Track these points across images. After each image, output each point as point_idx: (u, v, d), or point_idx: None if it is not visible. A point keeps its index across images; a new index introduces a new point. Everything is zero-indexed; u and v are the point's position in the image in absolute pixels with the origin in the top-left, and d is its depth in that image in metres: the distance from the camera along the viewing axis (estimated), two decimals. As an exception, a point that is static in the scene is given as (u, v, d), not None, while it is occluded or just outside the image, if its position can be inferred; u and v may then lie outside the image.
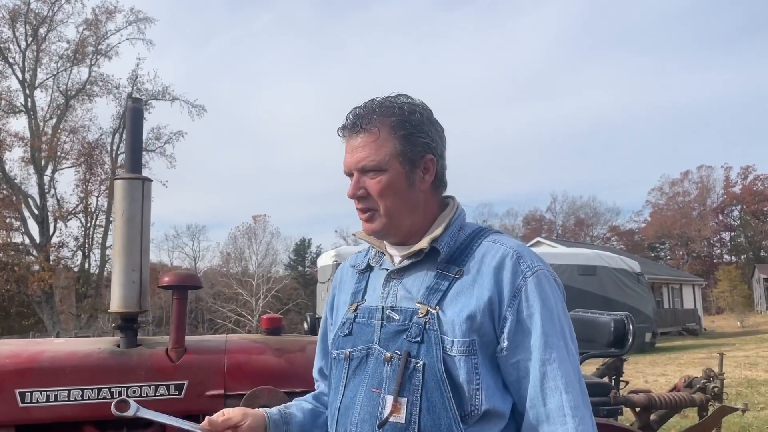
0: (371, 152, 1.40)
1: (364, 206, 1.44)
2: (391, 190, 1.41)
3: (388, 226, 1.43)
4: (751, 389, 9.94)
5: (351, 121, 1.44)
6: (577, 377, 1.33)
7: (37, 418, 2.21)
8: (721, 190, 75.11)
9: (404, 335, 1.34)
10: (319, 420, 1.59)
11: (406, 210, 1.43)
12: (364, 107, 1.45)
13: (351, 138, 1.44)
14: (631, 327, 3.01)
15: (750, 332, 29.44)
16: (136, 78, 36.18)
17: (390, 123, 1.41)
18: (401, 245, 1.46)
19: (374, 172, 1.41)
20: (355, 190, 1.43)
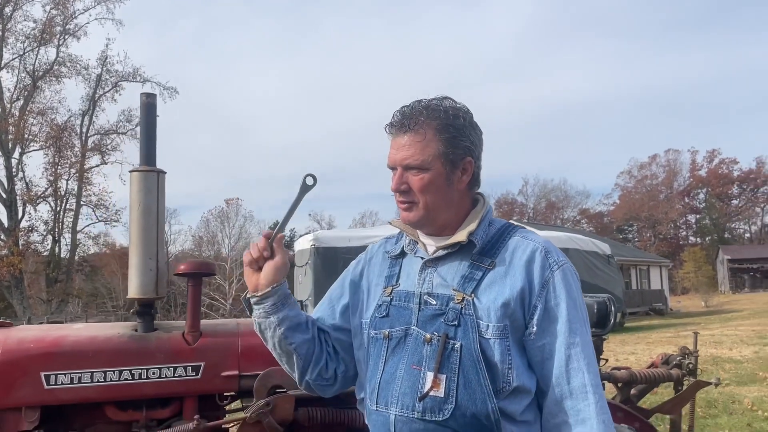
0: (416, 152, 1.53)
1: (405, 199, 1.56)
2: (431, 188, 1.54)
3: (424, 219, 1.57)
4: (716, 366, 10.38)
5: (399, 120, 1.56)
6: (593, 358, 1.51)
7: (62, 399, 2.33)
8: (687, 174, 76.73)
9: (441, 319, 1.49)
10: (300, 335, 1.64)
11: (443, 206, 1.57)
12: (411, 108, 1.57)
13: (398, 136, 1.56)
14: (613, 308, 3.22)
15: (714, 312, 30.38)
16: (106, 59, 35.48)
17: (435, 126, 1.54)
18: (436, 235, 1.61)
19: (418, 170, 1.53)
20: (398, 185, 1.55)
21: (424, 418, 1.46)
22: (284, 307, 1.61)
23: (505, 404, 1.46)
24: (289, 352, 1.65)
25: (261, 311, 1.61)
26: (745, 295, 49.18)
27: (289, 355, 1.65)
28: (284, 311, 1.61)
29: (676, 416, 3.08)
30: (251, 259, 1.60)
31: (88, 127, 36.24)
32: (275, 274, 1.59)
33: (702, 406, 7.65)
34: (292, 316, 1.63)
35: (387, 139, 1.60)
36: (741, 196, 76.47)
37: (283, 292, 1.61)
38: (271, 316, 1.60)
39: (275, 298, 1.60)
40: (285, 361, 1.68)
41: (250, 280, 1.61)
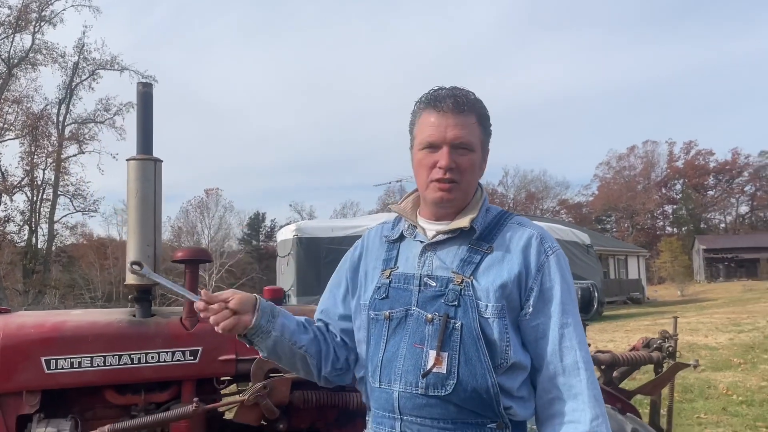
0: (468, 133, 1.60)
1: (451, 177, 1.60)
2: (473, 169, 1.63)
3: (459, 200, 1.64)
4: (692, 353, 10.62)
5: (451, 99, 1.60)
6: (584, 337, 1.60)
7: (62, 383, 2.37)
8: (664, 165, 77.77)
9: (442, 299, 1.57)
10: (303, 336, 1.71)
11: (472, 189, 1.67)
12: (458, 92, 1.62)
13: (448, 114, 1.59)
14: (596, 294, 3.33)
15: (689, 300, 30.95)
16: (83, 46, 34.99)
17: (480, 114, 1.64)
18: (435, 220, 1.68)
19: (465, 150, 1.60)
20: (450, 162, 1.59)
21: (428, 394, 1.53)
22: (275, 317, 1.66)
23: (503, 380, 1.55)
24: (302, 357, 1.71)
25: (261, 334, 1.63)
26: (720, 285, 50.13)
27: (302, 360, 1.72)
28: (279, 320, 1.66)
29: (656, 397, 3.20)
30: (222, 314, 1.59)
31: (65, 116, 35.80)
32: (244, 302, 1.61)
33: (679, 391, 7.85)
34: (287, 323, 1.69)
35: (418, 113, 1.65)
36: (717, 186, 77.72)
37: (264, 307, 1.64)
38: (272, 331, 1.64)
39: (263, 316, 1.62)
40: (301, 368, 1.75)
41: (234, 324, 1.60)
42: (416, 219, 1.72)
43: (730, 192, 76.99)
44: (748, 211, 78.81)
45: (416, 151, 1.66)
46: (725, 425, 6.33)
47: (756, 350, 10.82)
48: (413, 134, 1.69)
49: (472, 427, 1.54)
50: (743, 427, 6.22)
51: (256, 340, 1.64)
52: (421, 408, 1.55)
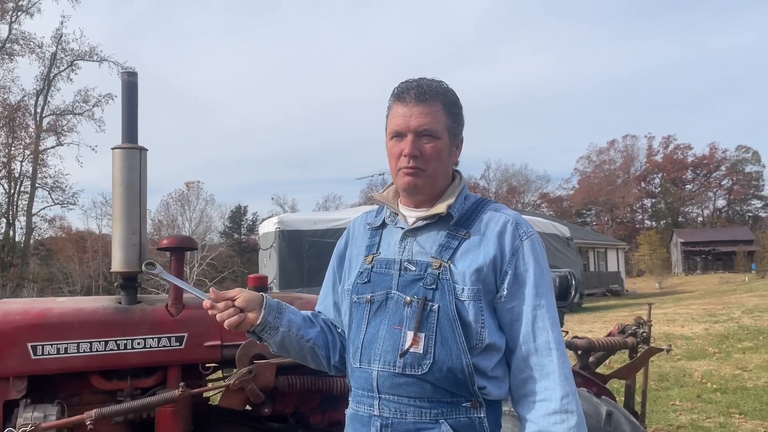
0: (432, 120, 1.64)
1: (415, 164, 1.65)
2: (439, 156, 1.67)
3: (427, 185, 1.69)
4: (669, 343, 10.84)
5: (416, 90, 1.66)
6: (557, 319, 1.66)
7: (49, 369, 2.39)
8: (644, 159, 78.73)
9: (420, 283, 1.62)
10: (308, 328, 1.77)
11: (441, 175, 1.70)
12: (423, 82, 1.68)
13: (412, 104, 1.65)
14: (573, 282, 3.42)
15: (667, 293, 31.44)
16: (61, 37, 34.51)
17: (444, 101, 1.68)
18: (416, 207, 1.73)
19: (430, 137, 1.65)
20: (413, 150, 1.64)
21: (405, 373, 1.59)
22: (282, 313, 1.71)
23: (478, 360, 1.60)
24: (310, 349, 1.77)
25: (270, 330, 1.69)
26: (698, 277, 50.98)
27: (312, 352, 1.77)
28: (285, 316, 1.71)
29: (630, 381, 3.30)
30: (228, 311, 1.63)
31: (42, 107, 35.34)
32: (250, 299, 1.66)
33: (655, 379, 8.03)
34: (294, 318, 1.74)
35: (390, 106, 1.70)
36: (695, 181, 78.89)
37: (270, 304, 1.69)
38: (279, 327, 1.69)
39: (270, 312, 1.68)
40: (310, 359, 1.80)
41: (239, 321, 1.64)
42: (398, 207, 1.77)
43: (708, 186, 78.19)
44: (725, 205, 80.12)
45: (387, 141, 1.72)
46: (699, 412, 6.49)
47: (730, 340, 11.06)
48: (386, 127, 1.75)
49: (447, 406, 1.60)
50: (717, 414, 6.38)
51: (265, 336, 1.69)
52: (398, 387, 1.60)
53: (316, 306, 1.96)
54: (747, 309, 15.60)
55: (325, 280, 1.95)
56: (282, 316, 1.71)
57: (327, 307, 1.90)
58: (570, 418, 1.56)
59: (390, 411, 1.62)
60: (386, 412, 1.62)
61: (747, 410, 6.47)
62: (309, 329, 1.77)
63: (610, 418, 2.71)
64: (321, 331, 1.80)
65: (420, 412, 1.59)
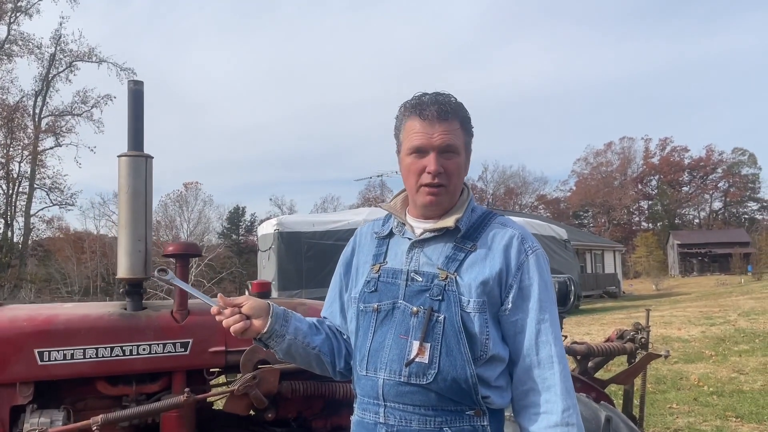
0: (454, 137, 1.68)
1: (439, 181, 1.67)
2: (459, 172, 1.71)
3: (447, 202, 1.72)
4: (666, 345, 10.87)
5: (436, 106, 1.68)
6: (560, 333, 1.70)
7: (55, 375, 2.42)
8: (641, 161, 78.86)
9: (427, 294, 1.65)
10: (314, 335, 1.81)
11: (458, 190, 1.75)
12: (441, 98, 1.70)
13: (435, 121, 1.67)
14: (573, 288, 3.45)
15: (664, 294, 31.52)
16: (60, 38, 34.48)
17: (461, 118, 1.72)
18: (423, 219, 1.76)
19: (451, 154, 1.68)
20: (438, 167, 1.66)
21: (410, 382, 1.62)
22: (288, 321, 1.74)
23: (482, 371, 1.64)
24: (316, 356, 1.80)
25: (276, 337, 1.71)
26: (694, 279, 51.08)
27: (317, 359, 1.81)
28: (292, 324, 1.74)
29: (629, 386, 3.34)
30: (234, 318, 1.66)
31: (41, 108, 35.31)
32: (257, 307, 1.69)
33: (652, 382, 8.07)
34: (300, 325, 1.77)
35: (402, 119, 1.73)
36: (691, 183, 79.09)
37: (277, 312, 1.72)
38: (286, 335, 1.72)
39: (277, 320, 1.71)
40: (316, 365, 1.83)
41: (244, 327, 1.66)
42: (405, 217, 1.80)
43: (704, 188, 78.37)
44: (722, 207, 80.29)
45: (404, 156, 1.73)
46: (696, 415, 6.53)
47: (727, 343, 11.11)
48: (399, 140, 1.77)
49: (451, 414, 1.63)
50: (713, 417, 6.42)
51: (271, 343, 1.72)
52: (403, 395, 1.64)
53: (321, 312, 1.98)
54: (743, 312, 15.67)
55: (330, 286, 1.98)
56: (288, 324, 1.73)
57: (333, 313, 1.93)
58: (571, 431, 1.60)
59: (395, 419, 1.65)
60: (391, 420, 1.65)
61: (743, 413, 6.51)
62: (315, 336, 1.80)
63: (609, 423, 2.75)
64: (326, 338, 1.83)
65: (424, 420, 1.63)
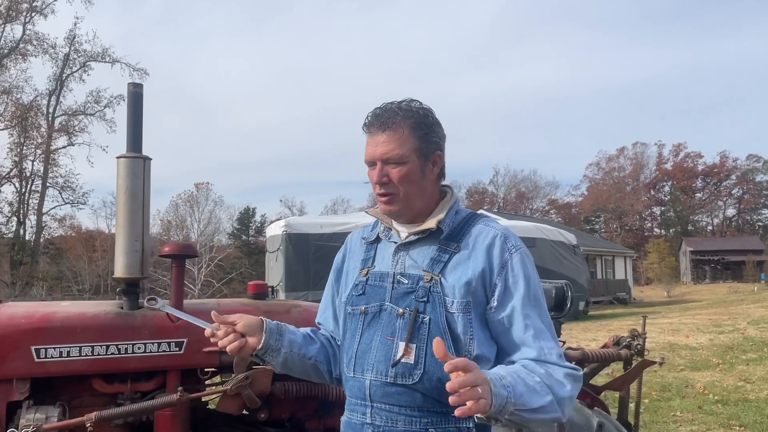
0: (396, 147, 1.69)
1: (385, 191, 1.72)
2: (408, 179, 1.72)
3: (403, 208, 1.75)
4: (672, 353, 10.81)
5: (377, 119, 1.72)
6: (551, 329, 1.71)
7: (51, 372, 2.45)
8: (653, 167, 78.41)
9: (413, 296, 1.68)
10: (309, 346, 1.85)
11: (418, 195, 1.75)
12: (386, 109, 1.74)
13: (377, 134, 1.72)
14: (570, 293, 3.45)
15: (675, 301, 31.28)
16: (74, 38, 34.83)
17: (411, 123, 1.72)
18: (408, 223, 1.79)
19: (396, 164, 1.71)
20: (380, 177, 1.71)
21: (396, 382, 1.65)
22: (282, 335, 1.77)
23: None
24: (313, 366, 1.84)
25: (272, 352, 1.75)
26: (706, 286, 50.65)
27: (314, 368, 1.85)
28: (286, 337, 1.78)
29: (624, 393, 3.33)
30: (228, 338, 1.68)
31: (54, 108, 35.66)
32: (250, 324, 1.71)
33: (657, 390, 8.03)
34: (294, 338, 1.81)
35: (363, 137, 1.77)
36: (704, 189, 78.50)
37: (270, 327, 1.75)
38: (282, 348, 1.76)
39: (271, 336, 1.74)
40: (313, 375, 1.87)
41: (239, 346, 1.69)
42: (391, 222, 1.83)
43: (718, 195, 77.76)
44: (735, 214, 79.65)
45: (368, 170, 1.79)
46: (699, 423, 6.48)
47: (735, 351, 11.02)
48: None
49: (437, 415, 1.65)
50: (717, 426, 6.37)
51: (268, 358, 1.75)
52: (390, 396, 1.66)
53: (316, 318, 2.02)
54: (753, 320, 15.52)
55: (324, 292, 2.02)
56: (283, 338, 1.77)
57: (327, 319, 1.96)
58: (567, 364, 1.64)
59: (382, 419, 1.67)
60: (378, 420, 1.68)
61: (748, 422, 6.45)
62: (310, 347, 1.84)
63: (601, 429, 2.75)
64: (321, 346, 1.87)
65: (410, 420, 1.65)
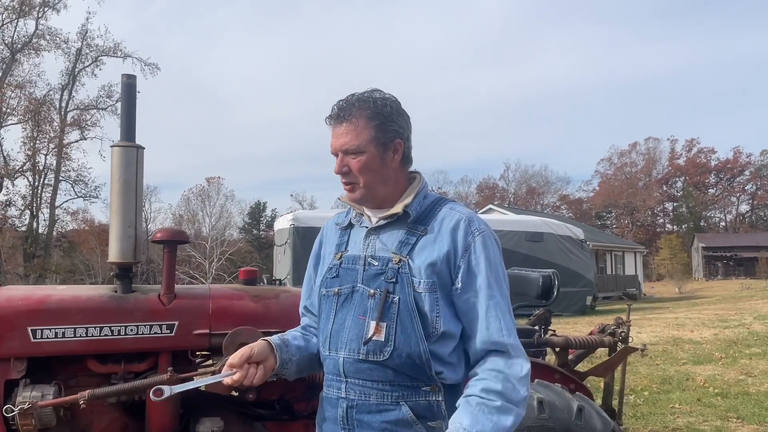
0: (352, 138, 1.79)
1: (347, 180, 1.83)
2: (367, 168, 1.80)
3: (366, 196, 1.84)
4: (676, 347, 10.84)
5: (336, 112, 1.82)
6: (509, 309, 1.79)
7: (47, 352, 2.55)
8: (666, 162, 77.80)
9: (382, 277, 1.77)
10: (310, 344, 1.97)
11: (380, 183, 1.84)
12: (345, 101, 1.83)
13: (336, 126, 1.82)
14: (556, 282, 3.53)
15: (686, 297, 31.12)
16: (86, 33, 35.12)
17: (367, 114, 1.80)
18: (377, 209, 1.88)
19: (355, 154, 1.80)
20: (340, 168, 1.82)
21: (368, 359, 1.74)
22: (288, 345, 1.88)
23: (435, 347, 1.74)
24: (318, 359, 1.94)
25: (286, 365, 1.86)
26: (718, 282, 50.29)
27: (319, 361, 1.94)
28: (292, 345, 1.89)
29: (608, 379, 3.40)
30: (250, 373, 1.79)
31: (67, 102, 36.03)
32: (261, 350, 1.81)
33: (657, 382, 8.08)
34: (298, 343, 1.92)
35: (328, 129, 1.86)
36: (717, 185, 77.85)
37: (278, 344, 1.85)
38: (293, 357, 1.87)
39: (281, 351, 1.85)
40: (319, 367, 1.96)
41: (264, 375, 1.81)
42: (362, 208, 1.92)
43: (731, 191, 77.09)
44: (749, 210, 78.97)
45: None
46: (697, 415, 6.53)
47: (738, 345, 11.02)
48: None
49: (407, 389, 1.74)
50: (714, 417, 6.42)
51: (283, 371, 1.87)
52: (362, 372, 1.76)
53: (300, 303, 2.12)
54: (760, 315, 15.48)
55: (305, 279, 2.11)
56: (290, 348, 1.88)
57: (313, 303, 2.05)
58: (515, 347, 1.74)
59: (355, 393, 1.77)
60: (352, 395, 1.77)
61: (746, 415, 6.49)
62: (309, 344, 1.95)
63: (581, 413, 2.82)
64: (315, 338, 1.98)
65: (382, 394, 1.74)
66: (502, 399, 1.65)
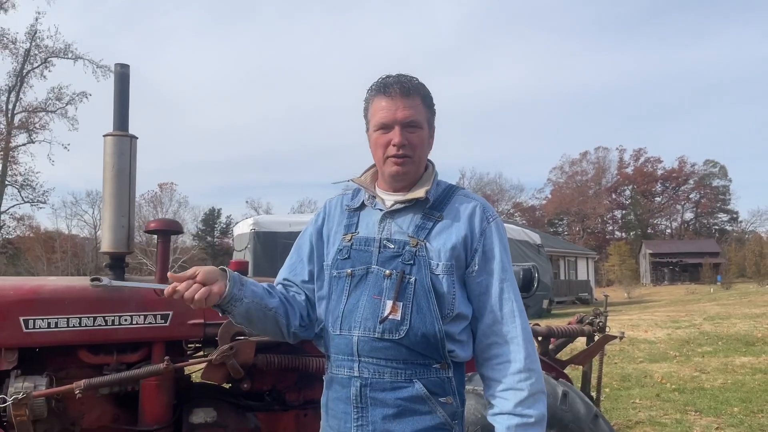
0: (416, 112, 1.84)
1: (404, 152, 1.83)
2: (423, 144, 1.88)
3: (413, 172, 1.89)
4: (632, 346, 11.18)
5: (398, 84, 1.84)
6: (519, 292, 1.88)
7: (39, 342, 2.51)
8: (615, 171, 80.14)
9: (399, 259, 1.82)
10: (269, 300, 1.86)
11: (423, 162, 1.92)
12: (405, 77, 1.87)
13: (398, 98, 1.83)
14: (536, 275, 3.64)
15: (635, 302, 32.06)
16: (35, 33, 34.08)
17: (423, 95, 1.89)
18: (392, 192, 1.93)
19: (414, 128, 1.84)
20: (402, 139, 1.83)
21: (383, 338, 1.78)
22: (244, 284, 1.82)
23: (448, 327, 1.81)
24: (273, 318, 1.89)
25: (234, 302, 1.78)
26: (665, 288, 52.01)
27: (273, 320, 1.89)
28: (248, 287, 1.83)
29: (587, 367, 3.52)
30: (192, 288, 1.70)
31: (14, 104, 34.84)
32: (211, 272, 1.75)
33: (617, 380, 8.33)
34: (256, 289, 1.86)
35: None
36: (664, 193, 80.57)
37: (233, 275, 1.80)
38: (244, 298, 1.80)
39: (234, 284, 1.78)
40: (270, 329, 1.91)
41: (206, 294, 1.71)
42: (375, 190, 1.96)
43: (676, 199, 79.90)
44: (693, 218, 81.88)
45: (372, 132, 1.90)
46: (657, 409, 6.77)
47: (691, 344, 11.45)
48: (367, 118, 1.93)
49: (420, 367, 1.79)
50: (674, 411, 6.67)
51: (230, 308, 1.79)
52: (377, 350, 1.79)
53: (282, 274, 2.05)
54: (709, 316, 16.09)
55: (296, 250, 2.06)
56: (245, 287, 1.81)
57: (302, 273, 2.00)
58: (533, 375, 1.79)
59: (369, 372, 1.79)
60: (365, 374, 1.80)
61: (703, 408, 6.77)
62: (270, 299, 1.88)
63: (566, 398, 2.92)
64: (280, 301, 1.92)
65: (396, 372, 1.78)
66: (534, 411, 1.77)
